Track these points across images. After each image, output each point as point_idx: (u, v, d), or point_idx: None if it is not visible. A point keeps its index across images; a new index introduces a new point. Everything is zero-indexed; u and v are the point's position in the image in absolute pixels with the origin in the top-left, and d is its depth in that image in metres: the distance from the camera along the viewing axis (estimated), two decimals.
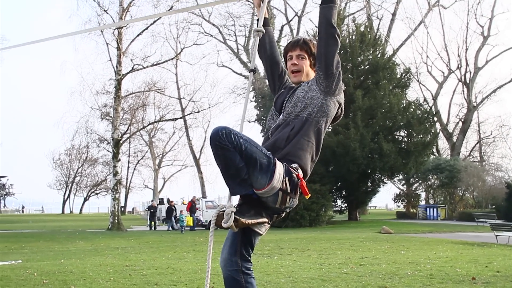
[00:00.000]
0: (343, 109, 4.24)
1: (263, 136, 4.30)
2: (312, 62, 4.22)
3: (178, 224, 35.75)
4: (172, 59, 45.54)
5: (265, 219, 3.83)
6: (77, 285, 10.02)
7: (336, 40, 3.98)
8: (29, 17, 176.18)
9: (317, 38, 4.16)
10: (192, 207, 36.27)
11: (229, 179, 3.73)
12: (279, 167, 3.71)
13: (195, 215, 36.72)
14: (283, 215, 4.05)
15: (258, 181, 3.68)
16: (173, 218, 37.49)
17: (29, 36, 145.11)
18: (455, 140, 58.89)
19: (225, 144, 3.59)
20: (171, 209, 37.12)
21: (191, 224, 35.70)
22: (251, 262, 4.09)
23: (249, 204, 3.80)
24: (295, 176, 3.79)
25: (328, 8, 4.00)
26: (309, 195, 3.85)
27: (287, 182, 3.74)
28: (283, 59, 4.49)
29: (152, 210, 39.51)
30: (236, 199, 3.89)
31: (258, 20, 4.45)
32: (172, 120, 55.06)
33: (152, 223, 39.06)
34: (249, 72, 4.42)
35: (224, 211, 3.68)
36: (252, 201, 3.81)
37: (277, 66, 4.53)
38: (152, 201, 42.86)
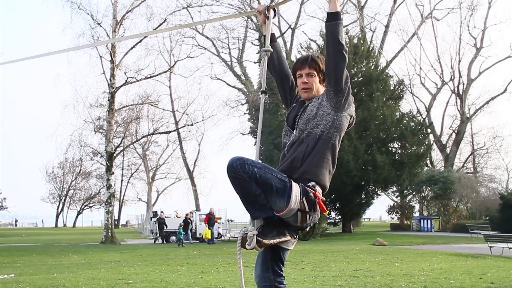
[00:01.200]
0: (354, 118, 4.38)
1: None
2: (321, 78, 4.28)
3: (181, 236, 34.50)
4: (165, 72, 45.62)
5: (288, 238, 4.02)
6: None
7: (344, 56, 4.03)
8: (24, 30, 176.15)
9: (324, 54, 4.21)
10: (210, 219, 35.54)
11: (249, 205, 3.90)
12: (295, 189, 3.85)
13: (213, 228, 35.94)
14: (307, 229, 4.24)
15: (277, 204, 3.82)
16: (189, 232, 36.56)
17: (23, 49, 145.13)
18: (448, 152, 58.99)
19: (240, 175, 3.76)
20: (187, 222, 36.33)
21: (209, 237, 34.89)
22: (284, 276, 4.37)
23: (271, 225, 3.96)
24: (312, 195, 3.92)
25: (334, 26, 4.04)
26: (327, 211, 4.01)
27: (305, 202, 3.89)
28: (292, 76, 4.52)
29: (160, 222, 38.55)
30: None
31: (265, 39, 4.48)
32: (166, 133, 55.02)
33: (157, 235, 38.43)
34: (260, 93, 4.45)
35: (247, 234, 3.88)
36: (274, 222, 3.96)
37: (287, 79, 4.57)
38: (161, 212, 41.85)
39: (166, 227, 38.07)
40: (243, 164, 3.76)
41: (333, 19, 4.05)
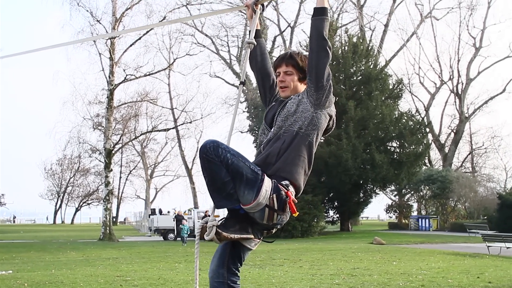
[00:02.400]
0: (335, 121, 4.22)
1: (255, 147, 4.29)
2: (301, 76, 4.19)
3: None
4: (164, 69, 45.50)
5: (251, 236, 3.84)
6: None
7: (327, 52, 3.96)
8: (24, 28, 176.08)
9: (308, 50, 4.15)
10: None
11: (214, 192, 3.76)
12: (267, 184, 3.71)
13: None
14: (273, 231, 4.05)
15: (245, 196, 3.69)
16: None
17: (22, 46, 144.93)
18: (447, 151, 59.00)
19: (212, 158, 3.64)
20: (181, 220, 35.97)
21: None
22: (238, 276, 4.08)
23: (235, 219, 3.82)
24: (283, 193, 3.77)
25: (319, 20, 3.98)
26: (297, 213, 3.81)
27: (275, 199, 3.73)
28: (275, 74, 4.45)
29: (178, 219, 37.52)
30: (224, 213, 3.90)
31: (250, 31, 4.45)
32: (165, 130, 54.94)
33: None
34: (239, 84, 4.39)
35: (207, 224, 3.73)
36: (239, 216, 3.82)
37: (268, 78, 4.49)
38: (179, 210, 40.52)
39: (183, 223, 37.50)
40: (216, 147, 3.66)
41: (319, 14, 4.00)
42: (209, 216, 3.85)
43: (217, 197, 3.77)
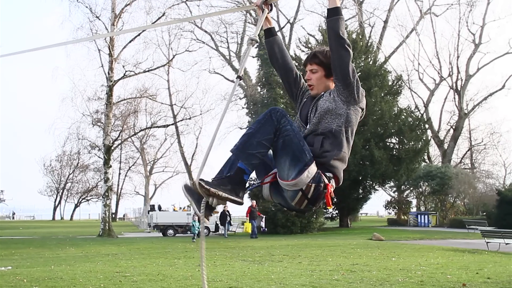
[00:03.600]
0: (365, 111, 4.31)
1: None
2: (327, 72, 4.24)
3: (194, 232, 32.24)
4: (164, 65, 45.44)
5: (239, 200, 3.83)
6: None
7: (347, 50, 4.05)
8: (23, 24, 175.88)
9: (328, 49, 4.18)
10: (252, 213, 33.70)
11: (246, 142, 3.79)
12: (312, 170, 3.78)
13: (255, 221, 33.98)
14: (294, 213, 4.10)
15: (285, 172, 3.78)
16: (227, 225, 35.36)
17: (22, 42, 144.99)
18: (446, 147, 58.97)
19: (273, 119, 3.77)
20: (225, 215, 35.25)
21: (249, 231, 33.28)
22: None
23: (232, 180, 3.82)
24: (322, 186, 3.82)
25: (334, 21, 4.04)
26: (331, 206, 3.89)
27: (312, 188, 3.79)
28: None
29: (223, 215, 36.24)
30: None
31: (256, 30, 4.46)
32: (164, 126, 54.97)
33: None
34: (236, 78, 4.38)
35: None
36: (238, 180, 3.84)
37: (291, 72, 4.52)
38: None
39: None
40: (283, 115, 3.80)
41: (332, 14, 4.05)
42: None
43: (242, 147, 3.79)
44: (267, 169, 4.09)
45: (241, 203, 3.89)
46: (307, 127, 4.15)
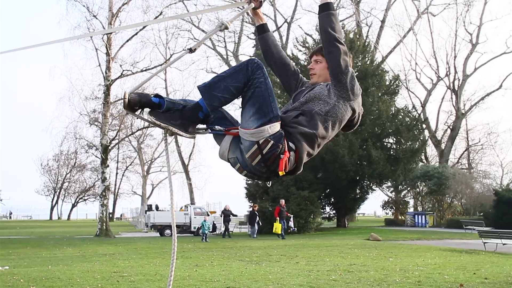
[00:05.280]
0: (359, 119, 4.30)
1: None
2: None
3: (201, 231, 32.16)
4: (161, 65, 45.42)
5: (185, 135, 3.92)
6: None
7: (336, 46, 4.01)
8: (20, 23, 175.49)
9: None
10: (281, 212, 32.62)
11: (215, 83, 3.86)
12: (274, 127, 3.77)
13: (285, 221, 33.10)
14: (241, 172, 3.99)
15: (247, 120, 3.79)
16: (256, 225, 33.97)
17: (19, 41, 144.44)
18: (443, 147, 59.04)
19: (248, 68, 3.80)
20: (254, 215, 34.39)
21: (279, 232, 31.87)
22: None
23: (184, 116, 3.90)
24: (281, 148, 3.77)
25: (323, 16, 4.05)
26: (283, 172, 3.80)
27: (269, 145, 3.74)
28: None
29: (226, 214, 35.93)
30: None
31: (235, 17, 4.52)
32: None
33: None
34: (187, 49, 4.28)
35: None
36: (191, 116, 3.91)
37: (288, 66, 4.55)
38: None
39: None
40: (261, 67, 3.82)
41: (322, 10, 4.08)
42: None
43: (212, 86, 3.85)
44: (233, 125, 4.06)
45: (190, 137, 3.99)
46: (293, 103, 4.18)
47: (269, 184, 4.38)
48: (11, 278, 12.04)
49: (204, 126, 4.06)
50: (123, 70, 38.97)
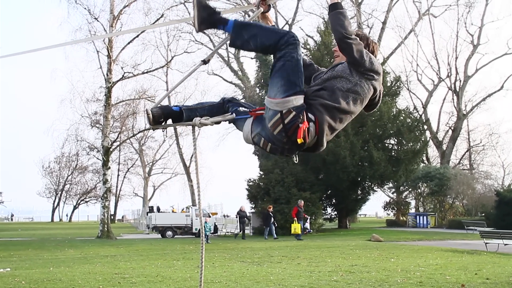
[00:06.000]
0: (381, 96, 4.43)
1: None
2: None
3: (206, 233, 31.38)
4: (162, 67, 45.44)
5: (218, 119, 4.25)
6: None
7: (346, 42, 4.10)
8: (22, 25, 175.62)
9: (331, 46, 4.29)
10: (298, 213, 32.27)
11: (250, 25, 4.15)
12: (298, 99, 3.91)
13: (302, 222, 32.75)
14: (263, 146, 4.14)
15: (275, 91, 3.92)
16: (272, 226, 33.64)
17: (21, 43, 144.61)
18: (445, 148, 58.99)
19: (284, 38, 3.97)
20: (268, 216, 34.02)
21: (299, 232, 31.61)
22: None
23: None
24: (301, 118, 3.89)
25: (332, 15, 4.16)
26: (301, 140, 3.90)
27: (291, 115, 3.88)
28: None
29: (241, 216, 35.64)
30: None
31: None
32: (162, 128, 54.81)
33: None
34: (201, 61, 4.47)
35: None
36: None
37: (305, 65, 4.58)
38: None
39: (249, 221, 36.72)
40: (295, 43, 3.97)
41: (331, 9, 4.17)
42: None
43: (242, 28, 4.06)
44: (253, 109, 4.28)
45: (223, 120, 4.31)
46: (314, 82, 4.32)
47: (295, 159, 4.49)
48: (13, 280, 12.06)
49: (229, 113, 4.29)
50: (124, 72, 39.05)
